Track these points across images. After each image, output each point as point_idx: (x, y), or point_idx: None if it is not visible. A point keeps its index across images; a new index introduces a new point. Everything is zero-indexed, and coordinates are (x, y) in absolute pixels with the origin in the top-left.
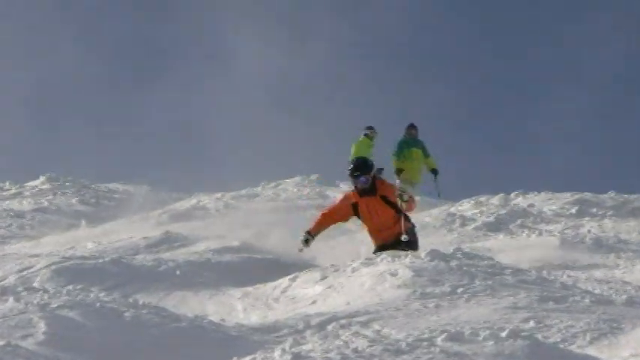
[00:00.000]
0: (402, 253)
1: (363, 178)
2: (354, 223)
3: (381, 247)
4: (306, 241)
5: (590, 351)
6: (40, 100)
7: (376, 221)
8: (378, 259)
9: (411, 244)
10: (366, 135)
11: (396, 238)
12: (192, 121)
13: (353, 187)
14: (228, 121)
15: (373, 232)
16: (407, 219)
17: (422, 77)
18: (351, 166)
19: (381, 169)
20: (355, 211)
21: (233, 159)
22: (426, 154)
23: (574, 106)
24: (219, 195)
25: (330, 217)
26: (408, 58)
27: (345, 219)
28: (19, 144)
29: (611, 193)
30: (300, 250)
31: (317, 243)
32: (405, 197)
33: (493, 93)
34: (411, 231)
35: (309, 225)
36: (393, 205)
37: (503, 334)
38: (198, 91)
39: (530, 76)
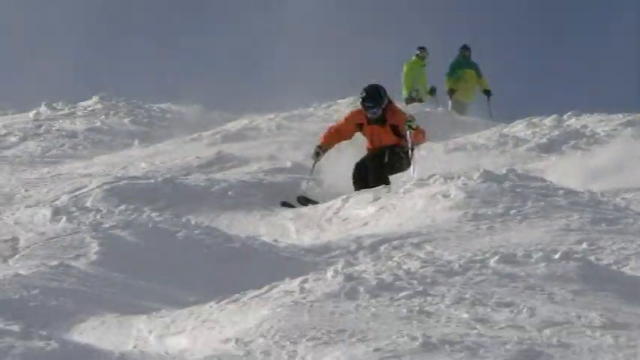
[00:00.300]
0: (455, 173)
1: (374, 110)
2: None
3: (360, 165)
4: (317, 155)
5: None
6: (91, 18)
7: (377, 145)
8: (431, 180)
9: (393, 168)
10: (417, 55)
11: (390, 147)
12: (244, 39)
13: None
14: (280, 40)
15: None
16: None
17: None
18: (363, 94)
19: (434, 89)
20: (360, 129)
21: (285, 79)
22: (478, 75)
23: (629, 23)
24: (271, 115)
25: (337, 134)
26: None
27: (349, 138)
28: (72, 63)
29: None
30: (313, 165)
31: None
32: (414, 125)
33: (545, 10)
34: (399, 159)
35: (319, 139)
36: (401, 135)
37: (556, 256)
38: (251, 8)
39: None
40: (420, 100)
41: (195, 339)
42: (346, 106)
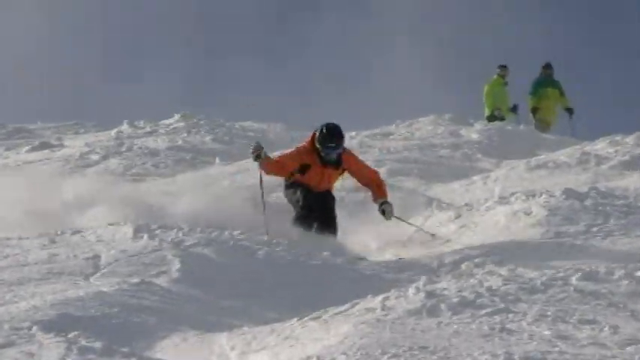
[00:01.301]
0: (537, 191)
1: (337, 151)
2: (488, 162)
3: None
4: (257, 157)
5: None
6: (174, 38)
7: (323, 186)
8: (513, 198)
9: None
10: (498, 74)
11: (326, 192)
12: (326, 60)
13: (311, 146)
14: (361, 60)
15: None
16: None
17: (556, 16)
18: (325, 132)
19: (516, 106)
20: (302, 169)
21: (366, 97)
22: (561, 93)
23: None
24: (353, 134)
25: (280, 168)
26: None
27: (284, 175)
28: (154, 82)
29: None
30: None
31: (450, 183)
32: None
33: (624, 26)
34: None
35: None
36: (339, 176)
37: (638, 273)
38: (332, 31)
39: None
40: (502, 119)
41: (276, 356)
42: (428, 124)
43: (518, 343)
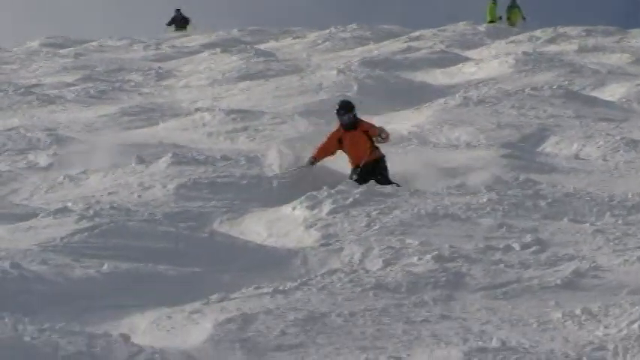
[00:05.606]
0: (510, 52)
1: (345, 115)
2: (489, 40)
3: (357, 168)
4: (311, 163)
5: None
6: None
7: (357, 149)
8: (500, 55)
9: (384, 173)
10: (493, 2)
11: (373, 163)
12: None
13: (339, 124)
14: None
15: (353, 159)
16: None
17: None
18: (337, 106)
19: (500, 17)
20: (340, 143)
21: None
22: (520, 10)
23: None
24: (427, 30)
25: (323, 151)
26: None
27: (333, 152)
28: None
29: None
30: (306, 166)
31: (473, 50)
32: (383, 135)
33: None
34: (383, 162)
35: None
36: (370, 138)
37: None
38: None
39: None
40: (494, 22)
41: (389, 125)
42: (463, 25)
43: (496, 118)
